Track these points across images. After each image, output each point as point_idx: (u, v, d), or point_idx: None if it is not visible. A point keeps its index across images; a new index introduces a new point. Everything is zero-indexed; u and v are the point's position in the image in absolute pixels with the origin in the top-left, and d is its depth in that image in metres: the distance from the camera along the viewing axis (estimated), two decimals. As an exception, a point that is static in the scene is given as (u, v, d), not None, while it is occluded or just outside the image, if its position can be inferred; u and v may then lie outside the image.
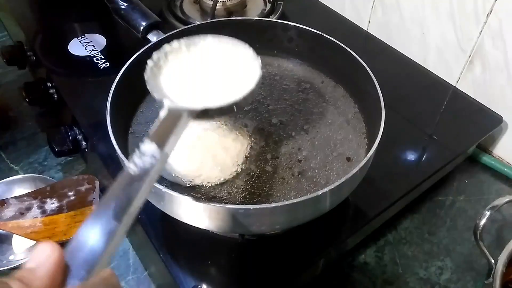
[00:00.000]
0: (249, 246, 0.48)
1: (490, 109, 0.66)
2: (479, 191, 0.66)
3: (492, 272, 0.43)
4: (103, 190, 0.60)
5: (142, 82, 0.51)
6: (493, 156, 0.69)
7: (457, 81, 0.70)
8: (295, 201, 0.36)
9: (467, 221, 0.62)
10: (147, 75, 0.37)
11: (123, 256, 0.57)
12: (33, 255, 0.23)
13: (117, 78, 0.45)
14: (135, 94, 0.50)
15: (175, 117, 0.32)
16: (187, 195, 0.37)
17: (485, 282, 0.44)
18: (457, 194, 0.66)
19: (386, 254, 0.59)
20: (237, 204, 0.41)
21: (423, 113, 0.66)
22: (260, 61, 0.38)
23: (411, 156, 0.60)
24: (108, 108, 0.42)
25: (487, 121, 0.64)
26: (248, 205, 0.35)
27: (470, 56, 0.66)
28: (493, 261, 0.44)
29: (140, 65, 0.48)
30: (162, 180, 0.44)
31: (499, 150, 0.70)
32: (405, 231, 0.61)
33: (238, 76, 0.39)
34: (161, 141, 0.29)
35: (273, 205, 0.35)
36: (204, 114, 0.34)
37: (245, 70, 0.39)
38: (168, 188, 0.37)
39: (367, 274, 0.56)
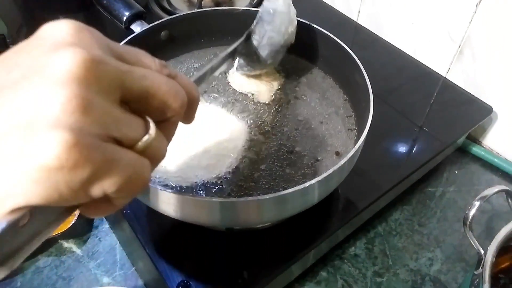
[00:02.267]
0: (237, 239, 0.47)
1: (480, 99, 0.65)
2: (469, 182, 0.66)
3: (482, 262, 0.43)
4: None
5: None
6: (483, 147, 0.69)
7: (447, 72, 0.69)
8: (282, 193, 0.35)
9: (457, 212, 0.62)
10: None
11: (110, 252, 0.56)
12: None
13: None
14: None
15: None
16: (173, 190, 0.36)
17: (475, 272, 0.44)
18: (447, 185, 0.66)
19: (376, 246, 0.58)
20: (224, 197, 0.40)
21: (414, 104, 0.65)
22: None
23: (401, 147, 0.60)
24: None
25: (476, 112, 0.64)
26: (234, 198, 0.34)
27: (460, 46, 0.66)
28: (482, 251, 0.44)
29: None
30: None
31: (489, 141, 0.70)
32: (395, 222, 0.61)
33: None
34: None
35: (259, 197, 0.35)
36: None
37: None
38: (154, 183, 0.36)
39: (357, 266, 0.56)
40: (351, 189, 0.53)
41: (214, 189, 0.42)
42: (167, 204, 0.37)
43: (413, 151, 0.60)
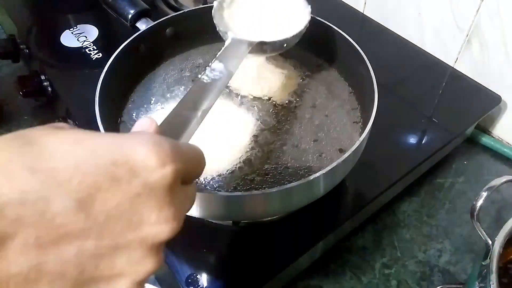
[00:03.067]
0: (245, 233, 0.48)
1: (489, 89, 0.65)
2: (478, 173, 0.65)
3: (490, 253, 0.43)
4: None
5: (132, 71, 0.51)
6: (493, 137, 0.69)
7: (455, 62, 0.68)
8: (287, 186, 0.35)
9: (466, 203, 0.62)
10: (214, 11, 0.46)
11: (121, 247, 0.57)
12: (135, 127, 0.25)
13: (105, 68, 0.45)
14: (125, 83, 0.50)
15: (237, 46, 0.41)
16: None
17: (482, 263, 0.44)
18: (456, 176, 0.65)
19: (384, 238, 0.58)
20: (230, 191, 0.41)
21: (422, 95, 0.65)
22: (310, 8, 0.48)
23: (409, 138, 0.60)
24: (97, 99, 0.42)
25: (485, 101, 0.64)
26: (240, 192, 0.35)
27: (467, 36, 0.65)
28: (490, 242, 0.44)
29: (128, 55, 0.48)
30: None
31: (498, 131, 0.69)
32: (404, 214, 0.61)
33: (290, 19, 0.48)
34: (226, 61, 0.38)
35: (265, 191, 0.35)
36: (259, 47, 0.43)
37: (296, 14, 0.48)
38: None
39: (365, 258, 0.56)
40: (359, 181, 0.53)
41: (221, 183, 0.43)
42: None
43: (421, 142, 0.59)
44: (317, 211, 0.50)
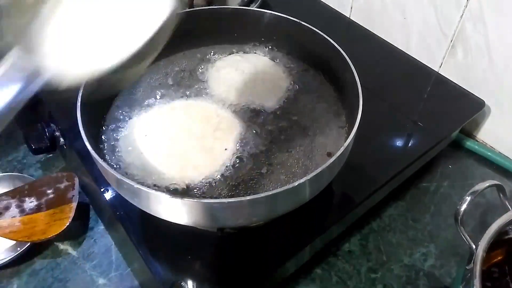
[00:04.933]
0: (230, 239, 0.47)
1: (473, 94, 0.65)
2: (463, 176, 0.66)
3: (473, 257, 0.43)
4: (82, 186, 0.59)
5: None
6: (477, 141, 0.69)
7: (440, 67, 0.69)
8: (271, 193, 0.35)
9: (451, 207, 0.62)
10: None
11: (105, 253, 0.56)
12: None
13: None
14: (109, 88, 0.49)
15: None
16: (161, 191, 0.36)
17: (466, 267, 0.44)
18: (441, 180, 0.66)
19: (370, 242, 0.58)
20: (214, 198, 0.40)
21: (407, 99, 0.65)
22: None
23: (394, 143, 0.60)
24: (78, 104, 0.41)
25: (469, 106, 0.64)
26: (224, 199, 0.35)
27: (452, 41, 0.66)
28: (474, 246, 0.44)
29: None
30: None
31: (482, 135, 0.70)
32: (389, 218, 0.61)
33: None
34: None
35: (248, 198, 0.35)
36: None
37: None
38: (141, 184, 0.36)
39: (351, 262, 0.56)
40: (345, 185, 0.53)
41: (205, 189, 0.42)
42: (156, 205, 0.37)
43: (407, 146, 0.60)
44: (304, 216, 0.49)
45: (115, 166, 0.44)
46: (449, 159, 0.68)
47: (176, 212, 0.36)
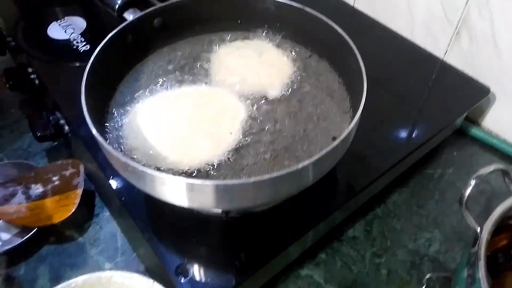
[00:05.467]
0: (235, 223, 0.47)
1: (478, 81, 0.65)
2: (468, 164, 0.66)
3: (478, 240, 0.43)
4: (88, 175, 0.60)
5: (120, 61, 0.51)
6: (482, 128, 0.69)
7: (445, 54, 0.69)
8: (275, 175, 0.35)
9: (455, 193, 0.62)
10: None
11: (111, 239, 0.57)
12: None
13: (92, 58, 0.44)
14: (113, 74, 0.49)
15: None
16: (166, 172, 0.36)
17: (471, 251, 0.44)
18: (446, 167, 0.66)
19: (374, 228, 0.59)
20: (218, 179, 0.41)
21: (411, 86, 0.65)
22: None
23: (399, 130, 0.60)
24: (83, 89, 0.41)
25: (474, 93, 0.64)
26: (228, 180, 0.35)
27: (457, 28, 0.65)
28: (478, 229, 0.44)
29: (116, 45, 0.48)
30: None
31: (487, 122, 0.69)
32: (394, 205, 0.61)
33: None
34: None
35: (252, 179, 0.35)
36: None
37: None
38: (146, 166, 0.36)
39: (356, 248, 0.56)
40: (349, 172, 0.53)
41: (209, 173, 0.43)
42: (162, 188, 0.37)
43: (411, 133, 0.60)
44: (307, 201, 0.50)
45: (119, 151, 0.44)
46: (454, 147, 0.68)
47: (181, 194, 0.37)
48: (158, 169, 0.42)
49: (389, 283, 0.53)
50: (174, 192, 0.37)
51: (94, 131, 0.38)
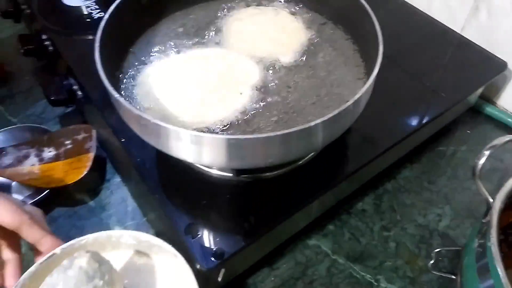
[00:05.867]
0: (244, 187, 0.48)
1: (495, 55, 0.64)
2: (481, 141, 0.65)
3: (490, 211, 0.42)
4: (100, 142, 0.60)
5: (134, 22, 0.51)
6: (497, 107, 0.68)
7: (462, 28, 0.67)
8: (287, 131, 0.35)
9: (468, 171, 0.61)
10: None
11: (121, 204, 0.57)
12: None
13: (106, 16, 0.44)
14: (127, 34, 0.49)
15: None
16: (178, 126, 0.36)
17: (483, 221, 0.44)
18: (458, 145, 0.65)
19: (384, 202, 0.58)
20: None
21: (426, 61, 0.64)
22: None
23: (411, 104, 0.59)
24: (97, 45, 0.41)
25: (491, 68, 0.63)
26: (240, 135, 0.35)
27: (475, 1, 0.64)
28: (491, 199, 0.44)
29: (130, 5, 0.48)
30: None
31: (502, 101, 0.68)
32: (404, 180, 0.61)
33: None
34: None
35: (265, 135, 0.35)
36: None
37: None
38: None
39: (364, 220, 0.56)
40: (357, 144, 0.53)
41: (222, 130, 0.43)
42: (175, 143, 0.37)
43: (423, 108, 0.58)
44: (316, 170, 0.50)
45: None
46: (468, 125, 0.67)
47: (193, 149, 0.37)
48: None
49: (397, 256, 0.53)
50: (187, 147, 0.37)
51: (108, 86, 0.38)
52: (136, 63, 0.49)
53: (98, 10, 0.66)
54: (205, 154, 0.37)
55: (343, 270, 0.52)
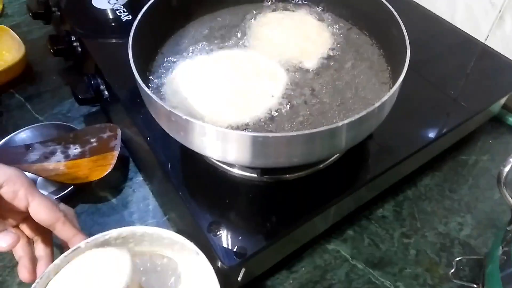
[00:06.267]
0: (266, 187, 0.48)
1: (520, 66, 0.63)
2: (504, 151, 0.64)
3: (515, 218, 0.42)
4: (124, 141, 0.61)
5: (164, 23, 0.52)
6: (521, 117, 0.67)
7: (486, 38, 0.67)
8: (313, 131, 0.35)
9: (490, 180, 0.61)
10: None
11: (143, 202, 0.58)
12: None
13: (140, 16, 0.45)
14: (157, 34, 0.51)
15: None
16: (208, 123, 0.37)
17: (507, 228, 0.43)
18: (481, 154, 0.64)
19: (404, 209, 0.58)
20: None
21: (450, 70, 0.64)
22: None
23: (433, 112, 0.58)
24: (130, 42, 0.42)
25: (514, 78, 0.62)
26: (267, 133, 0.35)
27: (500, 11, 0.64)
28: (516, 207, 0.43)
29: (161, 7, 0.49)
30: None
31: (527, 111, 0.67)
32: (425, 187, 0.60)
33: None
34: None
35: (291, 133, 0.35)
36: None
37: None
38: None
39: (384, 227, 0.56)
40: (377, 151, 0.52)
41: (247, 129, 0.43)
42: (202, 139, 0.38)
43: (445, 116, 0.58)
44: (336, 174, 0.50)
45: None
46: (490, 135, 0.67)
47: (220, 146, 0.37)
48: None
49: (417, 263, 0.53)
50: (213, 144, 0.37)
51: (141, 84, 0.39)
52: (165, 63, 0.50)
53: (126, 13, 0.68)
54: (231, 151, 0.38)
55: (362, 276, 0.51)
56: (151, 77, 0.49)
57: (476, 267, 0.51)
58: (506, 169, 0.45)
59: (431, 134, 0.55)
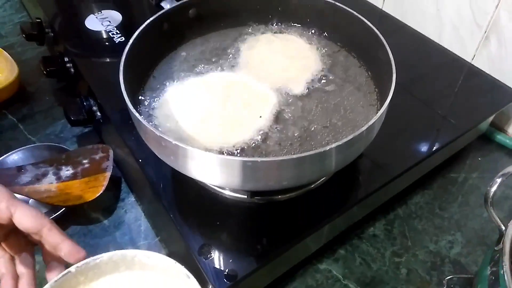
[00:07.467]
0: (257, 209, 0.48)
1: (506, 85, 0.65)
2: (493, 169, 0.65)
3: (503, 238, 0.42)
4: (116, 161, 0.62)
5: (155, 48, 0.53)
6: (508, 135, 0.68)
7: (473, 58, 0.69)
8: (302, 155, 0.36)
9: (479, 198, 0.61)
10: None
11: (134, 223, 0.58)
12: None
13: (131, 41, 0.46)
14: (148, 59, 0.51)
15: None
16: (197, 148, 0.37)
17: (495, 248, 0.44)
18: (470, 172, 0.65)
19: (395, 228, 0.58)
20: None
21: (437, 89, 0.65)
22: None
23: (422, 131, 0.59)
24: (121, 68, 0.43)
25: (501, 97, 0.63)
26: (256, 158, 0.36)
27: (486, 32, 0.65)
28: (503, 227, 0.44)
29: (153, 31, 0.50)
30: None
31: (514, 129, 0.69)
32: (416, 206, 0.61)
33: None
34: None
35: (280, 158, 0.36)
36: None
37: None
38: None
39: (376, 246, 0.56)
40: (368, 170, 0.53)
41: (238, 152, 0.44)
42: (192, 163, 0.38)
43: (433, 135, 0.59)
44: (328, 194, 0.50)
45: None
46: (479, 152, 0.68)
47: (210, 170, 0.38)
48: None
49: (408, 282, 0.53)
50: (204, 168, 0.38)
51: (131, 108, 0.40)
52: (157, 86, 0.51)
53: (119, 35, 0.69)
54: (220, 175, 0.38)
55: (354, 295, 0.52)
56: (143, 98, 0.50)
57: (467, 285, 0.51)
58: (493, 189, 0.46)
59: (421, 152, 0.56)
